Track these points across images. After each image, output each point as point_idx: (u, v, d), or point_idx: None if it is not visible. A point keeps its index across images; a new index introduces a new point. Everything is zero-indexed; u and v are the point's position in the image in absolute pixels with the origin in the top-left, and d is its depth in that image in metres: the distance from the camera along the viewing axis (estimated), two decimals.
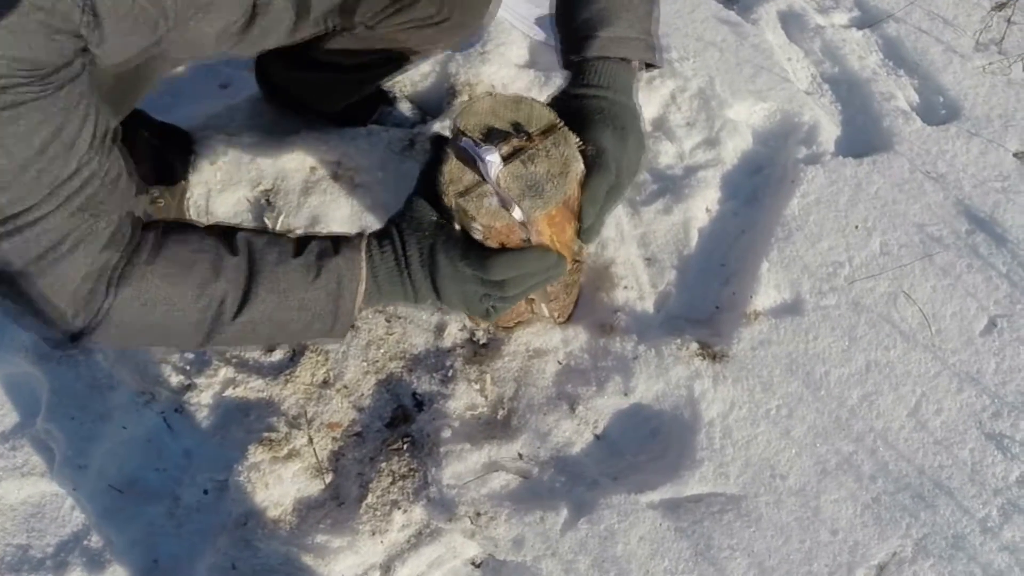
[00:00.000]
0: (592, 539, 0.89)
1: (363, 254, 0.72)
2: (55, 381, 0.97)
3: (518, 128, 0.74)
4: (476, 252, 0.72)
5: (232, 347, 0.73)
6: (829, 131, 1.26)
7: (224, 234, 0.68)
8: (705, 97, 1.28)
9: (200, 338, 0.66)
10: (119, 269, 0.61)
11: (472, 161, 0.72)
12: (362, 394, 1.04)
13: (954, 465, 0.93)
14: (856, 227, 1.12)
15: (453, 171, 0.73)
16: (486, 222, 0.72)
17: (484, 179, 0.71)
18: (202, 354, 1.04)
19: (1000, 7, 1.38)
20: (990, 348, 1.01)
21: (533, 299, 1.00)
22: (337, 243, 0.72)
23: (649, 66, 0.81)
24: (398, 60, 1.04)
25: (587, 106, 0.75)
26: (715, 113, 1.26)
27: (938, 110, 1.30)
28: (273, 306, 0.67)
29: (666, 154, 1.24)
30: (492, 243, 0.77)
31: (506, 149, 0.73)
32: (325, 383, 1.04)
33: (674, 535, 0.89)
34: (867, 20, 1.43)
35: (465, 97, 1.29)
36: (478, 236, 0.76)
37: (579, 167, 0.74)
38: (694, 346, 1.03)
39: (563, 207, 0.75)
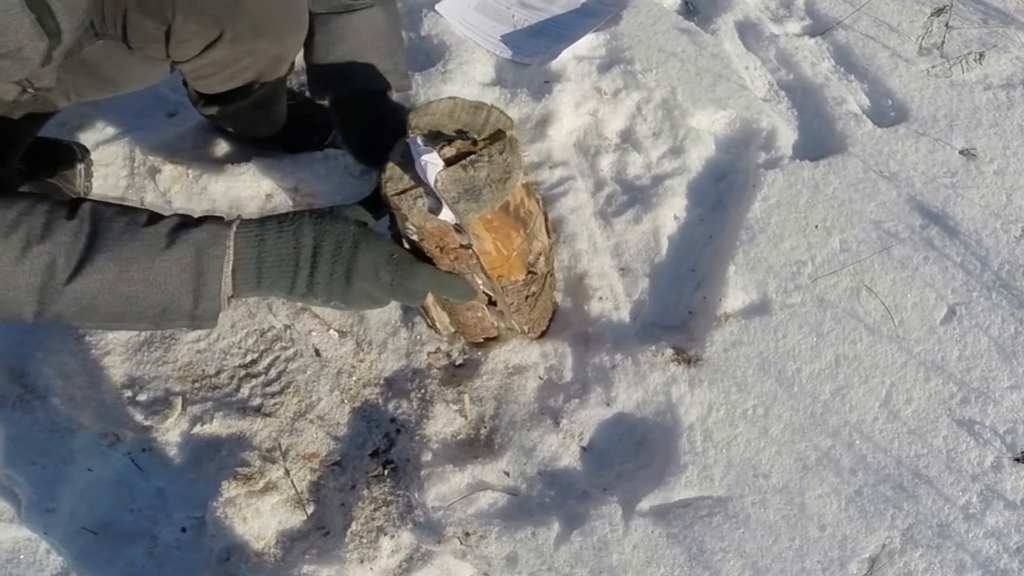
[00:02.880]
0: (587, 551, 0.92)
1: (232, 230, 0.69)
2: (11, 428, 0.96)
3: (464, 133, 0.77)
4: (400, 258, 0.74)
5: (76, 322, 0.67)
6: (786, 136, 1.34)
7: (70, 203, 0.66)
8: (668, 107, 1.35)
9: (33, 307, 0.63)
10: None
11: (415, 159, 0.75)
12: (338, 423, 1.05)
13: (930, 454, 0.99)
14: (816, 227, 1.20)
15: (395, 169, 0.77)
16: (418, 222, 0.76)
17: (420, 179, 0.74)
18: (166, 394, 1.04)
19: (938, 12, 1.50)
20: (952, 336, 1.09)
21: (501, 312, 1.03)
22: (203, 219, 0.70)
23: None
24: (263, 83, 0.99)
25: None
26: (678, 122, 1.33)
27: (887, 112, 1.40)
28: (113, 276, 0.64)
29: (634, 164, 1.30)
30: (428, 245, 0.80)
31: (450, 152, 0.77)
32: (298, 415, 1.05)
33: (667, 541, 0.92)
34: (818, 28, 1.54)
35: None
36: (413, 236, 0.79)
37: (521, 175, 0.77)
38: (669, 352, 1.07)
39: (505, 214, 0.78)
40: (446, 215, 0.76)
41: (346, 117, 1.00)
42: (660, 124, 1.35)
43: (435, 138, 0.78)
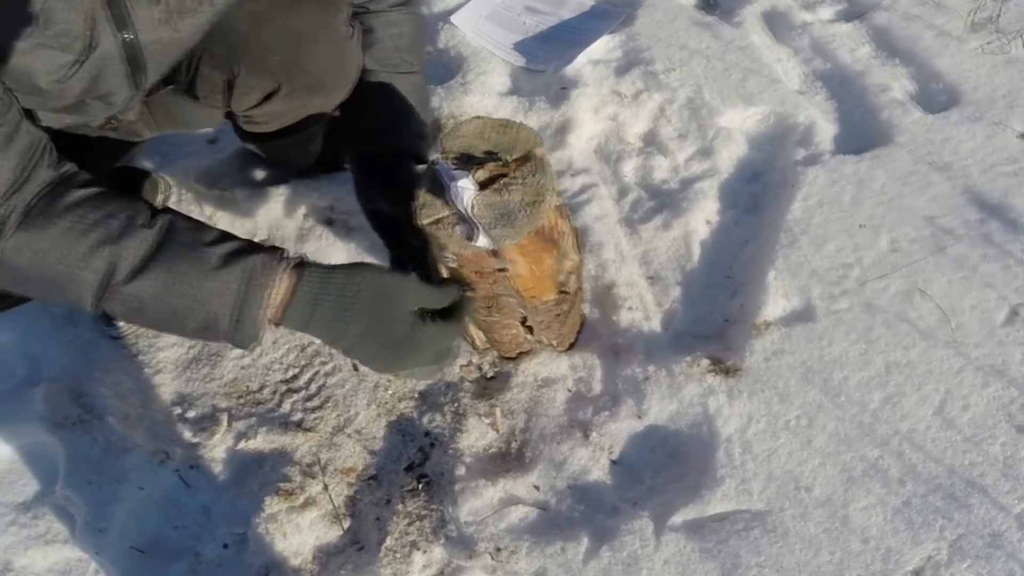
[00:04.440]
0: (616, 567, 0.92)
1: (282, 265, 0.73)
2: (71, 448, 1.04)
3: (494, 155, 0.78)
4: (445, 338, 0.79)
5: (127, 320, 0.77)
6: (826, 130, 1.30)
7: (154, 213, 0.73)
8: (695, 107, 1.33)
9: (92, 300, 0.70)
10: (25, 213, 0.67)
11: (445, 186, 0.76)
12: (374, 437, 1.09)
13: (985, 462, 0.94)
14: (862, 226, 1.16)
15: (426, 196, 0.77)
16: (457, 250, 0.77)
17: (453, 204, 0.75)
18: (213, 411, 1.10)
19: None
20: (1014, 339, 1.04)
21: (531, 327, 1.04)
22: (262, 247, 0.74)
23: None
24: (308, 125, 1.06)
25: None
26: (706, 122, 1.31)
27: (937, 97, 1.33)
28: (163, 286, 0.70)
29: (660, 168, 1.29)
30: (467, 271, 0.81)
31: (482, 175, 0.77)
32: (336, 429, 1.09)
33: (699, 556, 0.91)
34: (854, 12, 1.48)
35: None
36: (452, 264, 0.81)
37: (552, 197, 0.77)
38: (705, 362, 1.06)
39: (538, 237, 0.79)
40: (482, 241, 0.76)
41: (373, 172, 1.01)
42: (686, 125, 1.33)
43: (465, 162, 0.79)
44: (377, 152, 0.99)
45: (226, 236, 0.75)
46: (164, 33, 0.77)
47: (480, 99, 1.37)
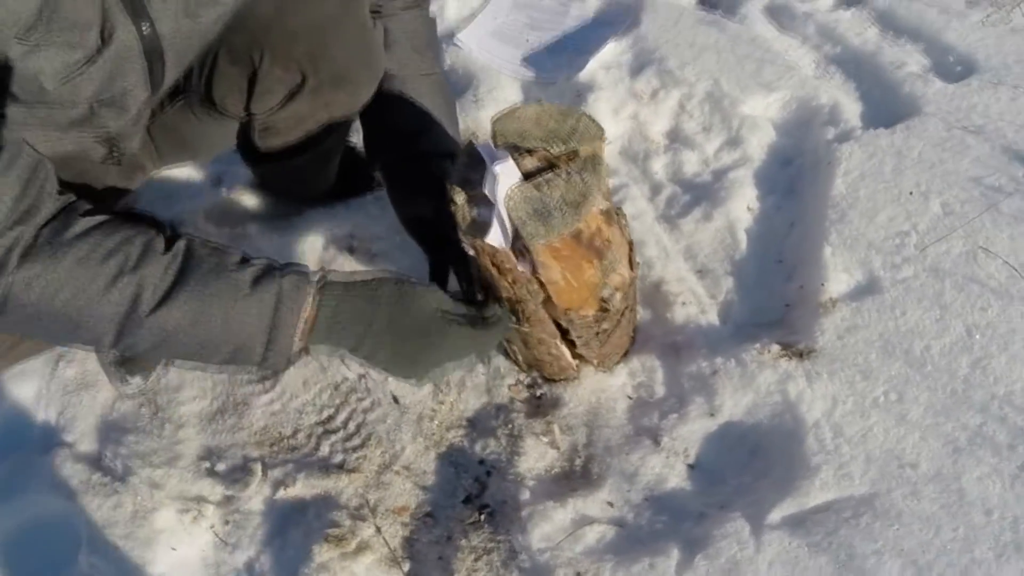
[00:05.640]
0: (715, 574, 0.83)
1: (313, 284, 0.72)
2: (94, 513, 0.95)
3: (548, 144, 0.73)
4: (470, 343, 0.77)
5: (148, 355, 0.70)
6: (851, 108, 1.30)
7: (169, 237, 0.69)
8: (715, 99, 1.32)
9: (112, 335, 0.66)
10: (30, 245, 0.62)
11: (482, 170, 0.71)
12: (424, 471, 1.01)
13: None
14: (911, 193, 1.13)
15: (461, 172, 0.74)
16: (472, 233, 0.72)
17: (484, 188, 0.71)
18: (244, 461, 1.01)
19: None
20: None
21: (581, 356, 0.98)
22: (288, 267, 0.72)
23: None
24: (330, 134, 1.01)
25: None
26: (729, 112, 1.31)
27: (953, 68, 1.35)
28: (193, 314, 0.66)
29: (689, 163, 1.27)
30: (482, 261, 0.76)
31: (531, 163, 0.72)
32: (383, 467, 1.01)
33: (808, 552, 0.84)
34: None
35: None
36: (468, 250, 0.75)
37: (599, 201, 0.71)
38: (775, 348, 1.01)
39: (576, 242, 0.73)
40: (494, 236, 0.71)
41: (408, 177, 0.97)
42: (708, 118, 1.33)
43: (511, 151, 0.74)
44: (411, 156, 0.95)
45: (248, 257, 0.72)
46: (183, 24, 0.72)
47: (495, 113, 1.35)
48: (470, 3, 1.63)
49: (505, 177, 0.70)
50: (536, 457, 0.99)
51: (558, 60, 1.47)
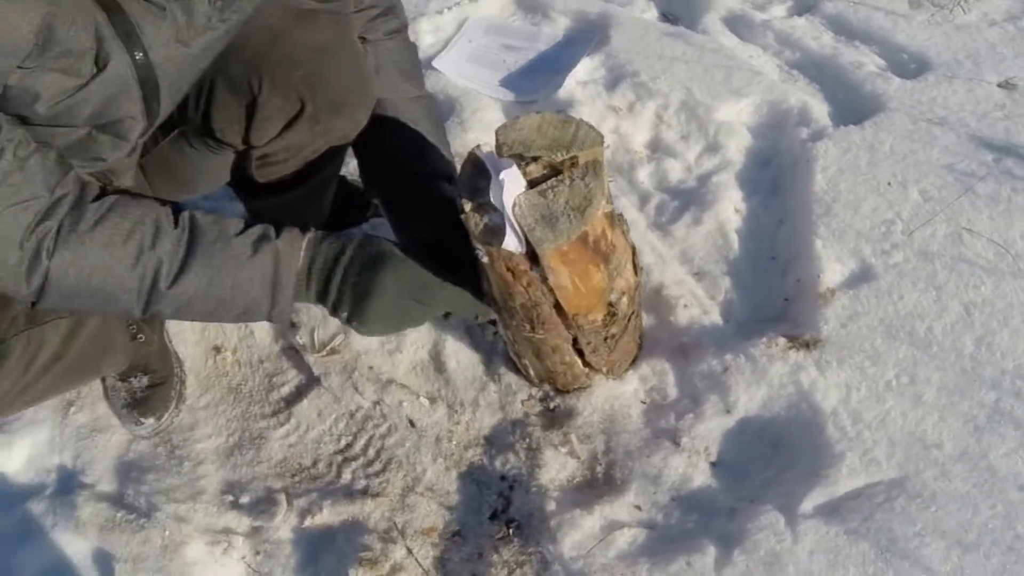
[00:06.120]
0: (756, 568, 0.82)
1: (304, 240, 0.77)
2: (122, 550, 0.93)
3: (551, 151, 0.74)
4: (426, 284, 0.79)
5: (174, 318, 0.78)
6: (819, 108, 1.34)
7: (174, 212, 0.74)
8: (690, 107, 1.35)
9: (140, 306, 0.73)
10: (57, 235, 0.67)
11: (487, 178, 0.72)
12: (448, 491, 0.99)
13: None
14: (889, 184, 1.17)
15: (467, 181, 0.75)
16: (483, 242, 0.72)
17: (491, 197, 0.72)
18: (268, 492, 0.99)
19: None
20: None
21: (590, 364, 0.97)
22: (282, 228, 0.78)
23: None
24: (327, 163, 1.00)
25: None
26: (705, 119, 1.33)
27: (908, 66, 1.41)
28: (206, 281, 0.73)
29: (673, 170, 1.29)
30: (498, 267, 0.76)
31: (536, 171, 0.73)
32: (406, 490, 0.98)
33: (848, 539, 0.83)
34: (804, 6, 1.59)
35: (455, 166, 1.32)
36: (483, 259, 0.76)
37: (603, 205, 0.73)
38: (782, 341, 1.01)
39: (583, 246, 0.74)
40: (510, 242, 0.71)
41: (408, 199, 0.96)
42: (686, 126, 1.35)
43: (518, 157, 0.75)
44: (409, 179, 0.94)
45: (248, 224, 0.77)
46: (176, 52, 0.72)
47: (480, 135, 1.35)
48: (444, 30, 1.65)
49: (511, 185, 0.71)
50: (557, 468, 0.98)
51: (534, 81, 1.48)
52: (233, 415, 1.08)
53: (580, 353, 0.95)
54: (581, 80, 1.44)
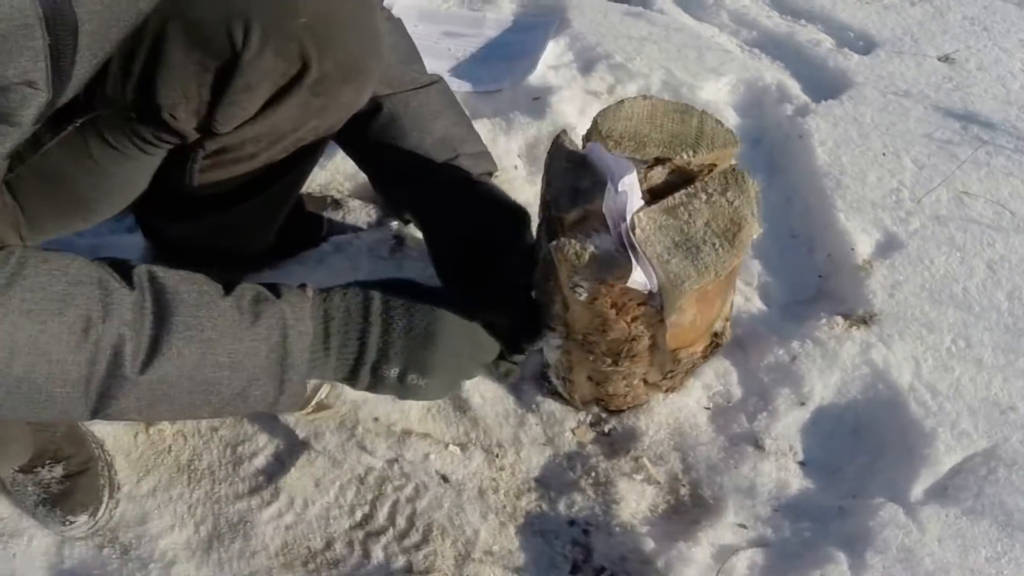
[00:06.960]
0: (894, 567, 0.77)
1: (309, 299, 0.61)
2: None
3: (672, 150, 0.58)
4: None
5: (140, 419, 0.62)
6: (793, 85, 1.35)
7: (115, 264, 0.55)
8: (672, 88, 1.30)
9: (89, 404, 0.52)
10: None
11: (595, 181, 0.55)
12: (511, 552, 0.83)
13: None
14: (884, 154, 1.19)
15: (552, 190, 0.56)
16: (591, 276, 0.54)
17: (605, 212, 0.55)
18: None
19: None
20: None
21: (647, 381, 0.87)
22: (276, 288, 0.61)
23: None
24: (299, 162, 0.79)
25: None
26: (690, 99, 1.28)
27: (857, 43, 1.47)
28: (195, 360, 0.54)
29: None
30: (601, 305, 0.59)
31: (659, 176, 0.58)
32: (460, 559, 0.81)
33: (969, 520, 0.80)
34: None
35: None
36: (583, 297, 0.58)
37: (755, 227, 0.58)
38: (840, 320, 0.98)
39: (726, 280, 0.60)
40: (638, 278, 0.54)
41: (456, 200, 0.80)
42: None
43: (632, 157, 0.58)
44: (447, 178, 0.78)
45: (230, 282, 0.59)
46: None
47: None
48: None
49: (629, 195, 0.55)
50: (636, 499, 0.86)
51: (494, 69, 1.35)
52: (194, 499, 0.85)
53: (644, 381, 0.84)
54: (551, 65, 1.33)
